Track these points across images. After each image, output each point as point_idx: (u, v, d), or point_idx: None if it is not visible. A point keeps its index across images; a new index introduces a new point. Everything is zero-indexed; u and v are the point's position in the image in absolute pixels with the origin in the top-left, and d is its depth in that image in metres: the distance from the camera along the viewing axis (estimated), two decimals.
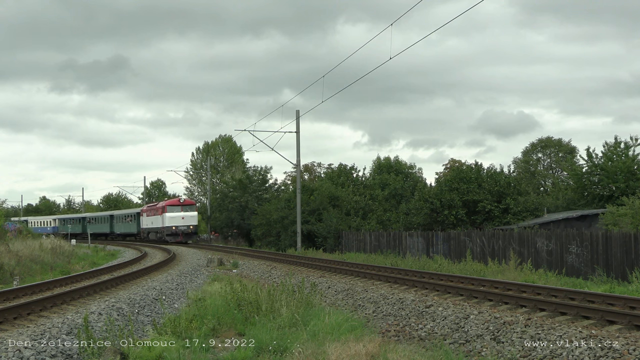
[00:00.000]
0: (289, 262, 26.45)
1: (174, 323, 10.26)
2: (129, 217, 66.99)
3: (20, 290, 16.11)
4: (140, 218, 62.70)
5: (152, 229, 58.25)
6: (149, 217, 59.24)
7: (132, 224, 65.18)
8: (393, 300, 13.36)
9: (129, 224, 66.53)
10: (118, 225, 69.71)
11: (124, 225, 68.03)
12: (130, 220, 66.08)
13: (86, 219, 78.90)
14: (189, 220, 54.38)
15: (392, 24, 19.15)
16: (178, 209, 54.54)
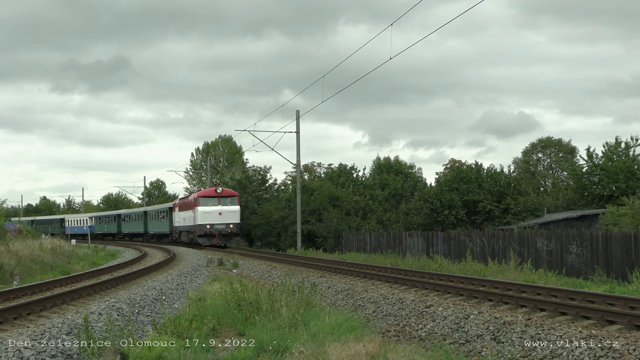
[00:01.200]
0: (289, 262, 26.45)
1: (174, 323, 10.26)
2: (161, 214, 55.45)
3: (20, 290, 16.11)
4: (172, 214, 51.19)
5: (184, 228, 46.51)
6: (181, 212, 47.55)
7: (164, 222, 53.99)
8: (393, 300, 13.36)
9: (161, 222, 55.28)
10: (151, 224, 58.30)
11: (156, 223, 56.61)
12: (162, 217, 54.81)
13: (121, 217, 68.78)
14: (228, 217, 41.55)
15: (392, 24, 19.14)
16: (214, 201, 42.02)
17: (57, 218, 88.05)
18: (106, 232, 70.29)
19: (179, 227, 48.15)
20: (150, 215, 59.27)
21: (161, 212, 55.44)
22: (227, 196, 42.54)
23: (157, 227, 56.25)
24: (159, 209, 56.99)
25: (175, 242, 50.17)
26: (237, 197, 43.23)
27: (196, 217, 41.72)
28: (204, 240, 41.61)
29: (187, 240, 45.67)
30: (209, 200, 41.97)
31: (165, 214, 53.66)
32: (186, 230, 45.74)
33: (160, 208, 57.10)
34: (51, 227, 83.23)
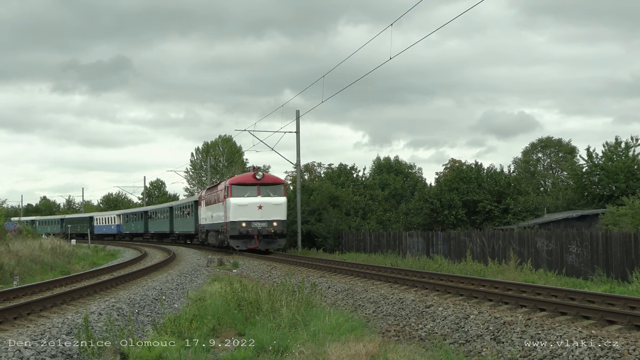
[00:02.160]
0: (289, 262, 26.45)
1: (174, 323, 10.26)
2: (186, 209, 46.21)
3: (20, 290, 16.11)
4: (197, 210, 42.12)
5: (212, 226, 36.62)
6: (208, 207, 37.76)
7: (189, 220, 45.19)
8: (393, 300, 13.36)
9: (186, 220, 46.46)
10: (177, 222, 49.83)
11: (182, 222, 47.97)
12: (187, 213, 45.69)
13: (148, 214, 60.23)
14: (270, 212, 31.56)
15: (392, 24, 19.11)
16: (251, 190, 31.98)
17: (86, 216, 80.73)
18: (133, 231, 63.23)
19: (205, 225, 38.72)
20: (175, 212, 50.12)
21: (186, 207, 46.00)
22: (270, 184, 32.46)
23: (183, 225, 47.40)
24: (184, 204, 47.69)
25: (202, 244, 41.75)
26: (282, 185, 33.29)
27: (227, 212, 31.76)
28: (237, 243, 31.57)
29: (216, 242, 35.83)
30: (245, 189, 31.93)
31: (190, 209, 44.57)
32: (215, 230, 35.86)
33: (184, 203, 47.93)
34: (80, 227, 78.20)
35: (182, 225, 47.72)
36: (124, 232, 67.33)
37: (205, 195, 39.26)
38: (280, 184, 33.40)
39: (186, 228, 46.18)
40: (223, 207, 32.97)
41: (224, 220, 32.58)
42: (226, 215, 32.22)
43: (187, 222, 45.80)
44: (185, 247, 47.54)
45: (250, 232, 31.29)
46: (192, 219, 44.02)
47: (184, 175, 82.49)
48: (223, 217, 32.95)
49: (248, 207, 31.47)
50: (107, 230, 72.32)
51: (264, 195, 31.83)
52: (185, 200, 49.46)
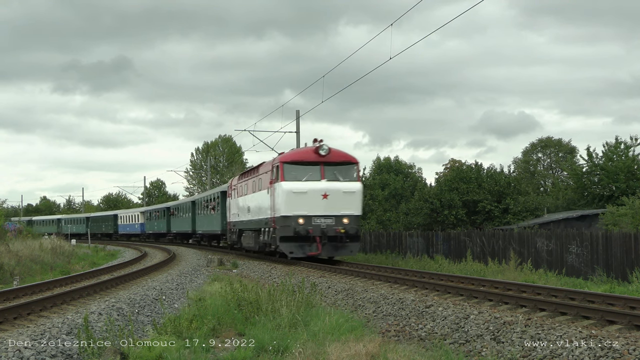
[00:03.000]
0: (289, 262, 26.45)
1: (174, 323, 10.26)
2: (210, 203, 38.04)
3: (20, 290, 16.11)
4: (225, 202, 33.60)
5: (249, 224, 27.86)
6: (243, 197, 28.86)
7: (214, 217, 36.71)
8: (393, 300, 13.36)
9: (209, 217, 38.18)
10: (200, 220, 42.07)
11: (205, 219, 39.81)
12: (212, 208, 37.44)
13: (170, 210, 52.63)
14: (340, 203, 22.64)
15: (392, 24, 19.08)
16: (313, 172, 22.89)
17: (110, 215, 74.74)
18: (156, 231, 56.77)
19: (237, 222, 29.82)
20: (198, 207, 42.30)
21: (210, 200, 37.59)
22: (340, 163, 23.01)
23: (206, 223, 39.12)
24: (207, 197, 39.26)
25: (232, 248, 33.39)
26: (356, 165, 23.50)
27: (276, 203, 22.81)
28: (291, 247, 22.53)
29: (254, 245, 26.91)
30: (304, 169, 22.69)
31: (215, 203, 35.88)
32: (252, 229, 26.87)
33: (209, 195, 38.94)
34: (105, 226, 74.28)
35: (205, 223, 39.19)
36: (147, 231, 60.41)
37: (237, 183, 30.01)
38: (354, 163, 23.21)
39: (210, 227, 37.44)
40: (268, 196, 23.65)
41: (270, 214, 23.38)
42: (274, 208, 22.95)
43: (211, 220, 37.08)
44: (185, 247, 47.40)
45: (310, 231, 21.90)
46: (217, 216, 35.10)
47: (184, 175, 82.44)
48: (268, 211, 23.67)
49: (308, 196, 22.05)
50: (131, 230, 65.55)
51: (331, 179, 22.44)
52: (209, 192, 40.01)
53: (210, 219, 37.89)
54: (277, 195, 22.89)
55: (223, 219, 34.19)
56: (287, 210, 22.33)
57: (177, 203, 53.57)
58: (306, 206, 22.21)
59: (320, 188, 22.33)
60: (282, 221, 22.48)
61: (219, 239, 38.93)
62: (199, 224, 42.13)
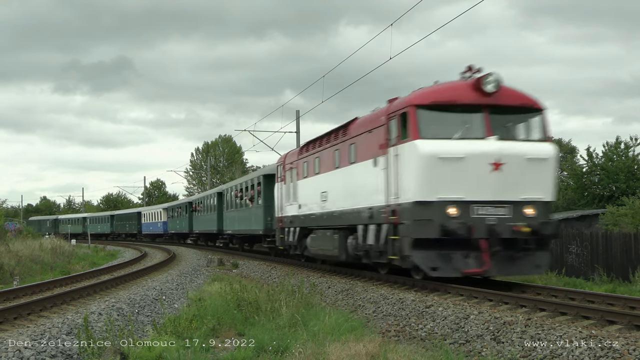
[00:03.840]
0: (289, 263, 26.43)
1: (174, 323, 10.27)
2: (245, 193, 29.64)
3: (20, 290, 16.11)
4: (274, 191, 24.48)
5: (325, 218, 18.38)
6: (312, 178, 19.83)
7: (252, 212, 28.17)
8: (393, 300, 13.36)
9: (245, 212, 29.71)
10: (228, 216, 33.98)
11: (237, 215, 31.56)
12: (248, 200, 28.89)
13: (192, 205, 45.78)
14: (521, 181, 12.83)
15: (392, 24, 19.02)
16: (475, 123, 13.04)
17: (134, 212, 67.47)
18: (178, 230, 50.22)
19: (299, 217, 20.76)
20: (227, 199, 34.23)
21: (245, 189, 29.22)
22: (516, 108, 13.68)
23: (238, 221, 30.56)
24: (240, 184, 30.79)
25: (286, 255, 24.24)
26: (542, 113, 13.77)
27: (400, 180, 13.63)
28: (433, 259, 13.10)
29: (338, 254, 17.50)
30: (456, 119, 13.37)
31: (254, 191, 27.55)
32: (334, 228, 17.81)
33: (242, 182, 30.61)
34: (129, 225, 67.69)
35: (237, 221, 30.99)
36: (170, 231, 53.75)
37: (300, 158, 20.80)
38: (539, 110, 13.82)
39: (245, 224, 29.01)
40: (377, 170, 14.82)
41: (383, 200, 14.49)
42: (395, 189, 13.93)
43: (247, 215, 28.45)
44: (185, 247, 47.19)
45: (473, 230, 12.71)
46: (258, 210, 26.42)
47: (183, 175, 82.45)
48: (377, 196, 14.75)
49: (466, 166, 12.96)
50: (154, 229, 58.73)
51: (504, 137, 13.31)
52: (244, 178, 31.15)
53: (245, 215, 28.97)
54: (403, 165, 13.45)
55: (267, 213, 25.41)
56: (425, 191, 12.90)
57: (200, 196, 45.51)
58: (462, 185, 12.82)
59: (487, 152, 12.81)
60: (416, 211, 12.96)
61: (258, 241, 28.77)
62: (228, 221, 33.82)
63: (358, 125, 16.65)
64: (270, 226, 25.53)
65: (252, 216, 28.51)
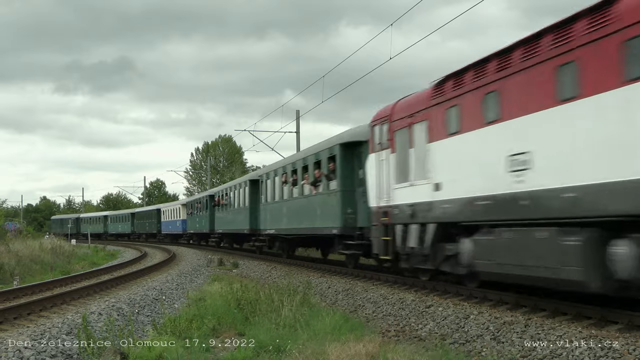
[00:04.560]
0: (289, 263, 26.43)
1: (174, 323, 10.26)
2: (304, 172, 21.14)
3: (20, 290, 16.12)
4: (367, 166, 15.68)
5: (515, 202, 9.95)
6: (470, 135, 11.26)
7: (320, 203, 19.30)
8: (393, 300, 13.36)
9: (303, 204, 21.08)
10: (271, 209, 25.52)
11: (288, 208, 22.96)
12: (309, 185, 20.40)
13: (214, 198, 38.22)
14: None
15: (392, 24, 18.89)
16: None
17: (153, 209, 61.42)
18: (198, 230, 43.54)
19: (435, 206, 12.50)
20: (265, 188, 25.96)
21: (305, 165, 21.14)
22: None
23: (290, 217, 22.40)
24: (299, 161, 21.89)
25: (387, 267, 16.12)
26: None
27: None
28: None
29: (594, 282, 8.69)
30: None
31: (319, 167, 19.72)
32: (562, 226, 9.04)
33: (306, 156, 21.39)
34: (149, 224, 61.70)
35: (286, 217, 22.66)
36: (189, 230, 47.57)
37: (434, 105, 12.74)
38: None
39: (306, 221, 20.43)
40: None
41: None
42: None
43: (307, 208, 20.39)
44: (185, 247, 47.11)
45: None
46: (330, 199, 18.44)
47: (183, 175, 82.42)
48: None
49: None
50: (173, 229, 52.82)
51: None
52: (300, 155, 22.71)
53: (303, 207, 20.51)
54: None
55: (347, 203, 17.42)
56: None
57: (226, 186, 36.65)
58: None
59: None
60: None
61: (329, 244, 20.41)
62: (269, 217, 25.29)
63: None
64: (352, 222, 17.23)
65: (317, 208, 19.38)
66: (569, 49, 9.28)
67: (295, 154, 24.70)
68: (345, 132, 18.86)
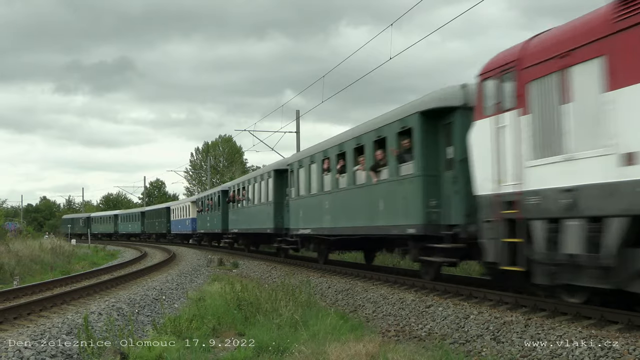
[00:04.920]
0: (289, 262, 26.44)
1: (174, 323, 10.26)
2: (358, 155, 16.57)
3: (20, 290, 16.12)
4: (473, 137, 11.46)
5: None
6: None
7: (383, 193, 14.89)
8: (393, 300, 13.36)
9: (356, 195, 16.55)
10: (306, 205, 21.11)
11: (333, 201, 18.35)
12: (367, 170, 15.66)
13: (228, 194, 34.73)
14: None
15: (392, 24, 18.93)
16: None
17: (163, 207, 57.95)
18: (209, 230, 40.16)
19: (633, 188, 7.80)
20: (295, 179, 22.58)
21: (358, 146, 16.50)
22: None
23: (336, 212, 18.17)
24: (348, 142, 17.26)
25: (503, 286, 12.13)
26: None
27: None
28: None
29: None
30: None
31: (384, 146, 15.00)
32: None
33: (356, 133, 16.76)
34: (158, 224, 57.65)
35: (345, 213, 17.71)
36: (199, 230, 43.98)
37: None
38: None
39: (363, 217, 16.33)
40: None
41: None
42: None
43: (361, 200, 16.42)
44: (185, 247, 47.18)
45: None
46: (403, 187, 14.12)
47: (183, 175, 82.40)
48: None
49: None
50: (183, 228, 49.49)
51: None
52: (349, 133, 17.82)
53: (361, 199, 16.48)
54: None
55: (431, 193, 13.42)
56: None
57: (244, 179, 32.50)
58: None
59: None
60: None
61: (394, 244, 16.99)
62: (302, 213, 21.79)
63: None
64: (435, 218, 13.31)
65: (380, 201, 15.35)
66: None
67: (343, 133, 18.95)
68: (426, 96, 13.76)
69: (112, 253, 41.73)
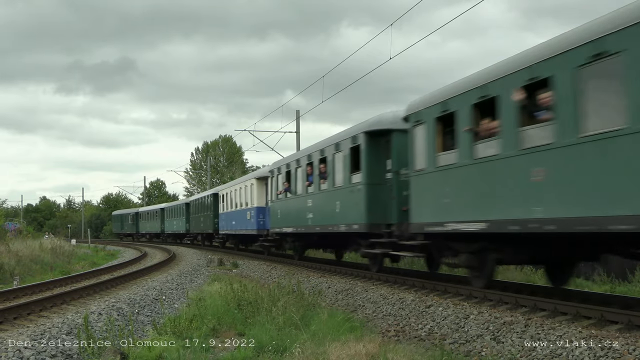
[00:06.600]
0: (289, 262, 26.43)
1: (174, 323, 10.26)
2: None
3: (20, 290, 16.11)
4: None
5: None
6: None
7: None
8: (393, 300, 13.35)
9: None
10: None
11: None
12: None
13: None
14: None
15: (392, 24, 19.05)
16: None
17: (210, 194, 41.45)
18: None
19: None
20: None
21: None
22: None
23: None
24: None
25: None
26: None
27: None
28: None
29: None
30: None
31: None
32: None
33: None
34: (203, 220, 42.25)
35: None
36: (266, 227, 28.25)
37: None
38: None
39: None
40: None
41: None
42: None
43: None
44: (185, 247, 47.18)
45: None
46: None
47: (183, 175, 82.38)
48: None
49: None
50: (241, 227, 31.49)
51: None
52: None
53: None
54: None
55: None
56: None
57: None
58: None
59: None
60: None
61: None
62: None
63: None
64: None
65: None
66: None
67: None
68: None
69: (112, 253, 41.73)
